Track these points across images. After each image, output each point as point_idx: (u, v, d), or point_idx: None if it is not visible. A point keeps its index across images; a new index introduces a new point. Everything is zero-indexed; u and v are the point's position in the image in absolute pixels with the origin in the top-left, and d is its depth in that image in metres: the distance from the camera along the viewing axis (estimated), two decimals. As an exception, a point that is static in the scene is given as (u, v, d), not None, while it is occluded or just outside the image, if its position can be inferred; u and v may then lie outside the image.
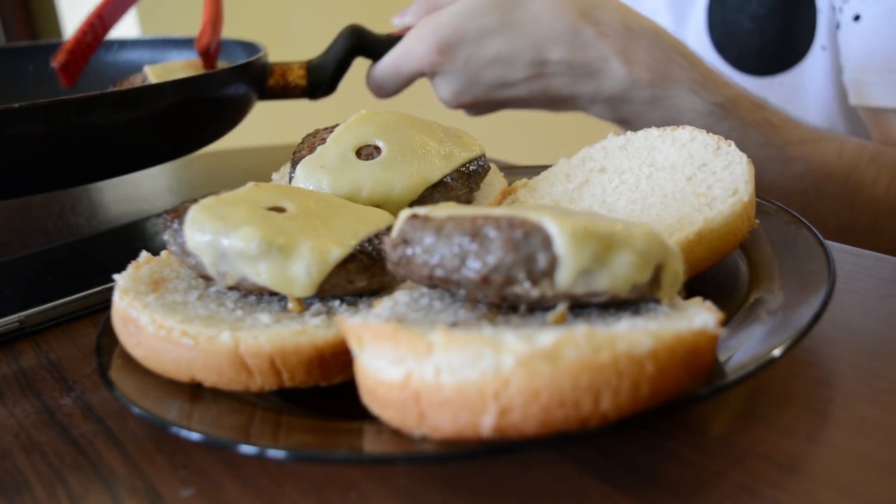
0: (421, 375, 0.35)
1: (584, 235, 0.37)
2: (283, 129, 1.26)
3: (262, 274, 0.44)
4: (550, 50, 0.77)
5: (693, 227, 0.48)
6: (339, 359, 0.42)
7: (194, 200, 0.48)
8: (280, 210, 0.47)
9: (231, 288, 0.46)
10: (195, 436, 0.38)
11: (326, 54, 0.86)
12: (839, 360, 0.46)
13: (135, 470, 0.41)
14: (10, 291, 0.61)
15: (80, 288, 0.60)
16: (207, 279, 0.47)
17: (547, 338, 0.34)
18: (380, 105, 0.85)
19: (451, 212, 0.40)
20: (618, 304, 0.40)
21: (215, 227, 0.45)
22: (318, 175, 0.54)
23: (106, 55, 0.97)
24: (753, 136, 0.78)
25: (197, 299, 0.47)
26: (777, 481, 0.36)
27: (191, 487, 0.39)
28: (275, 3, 2.28)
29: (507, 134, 1.87)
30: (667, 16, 1.07)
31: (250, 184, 0.50)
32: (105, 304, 0.58)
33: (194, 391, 0.43)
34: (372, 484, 0.39)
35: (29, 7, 2.40)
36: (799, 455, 0.38)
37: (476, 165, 0.58)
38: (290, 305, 0.45)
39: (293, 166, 0.57)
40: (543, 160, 0.71)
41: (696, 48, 1.01)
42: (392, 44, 0.84)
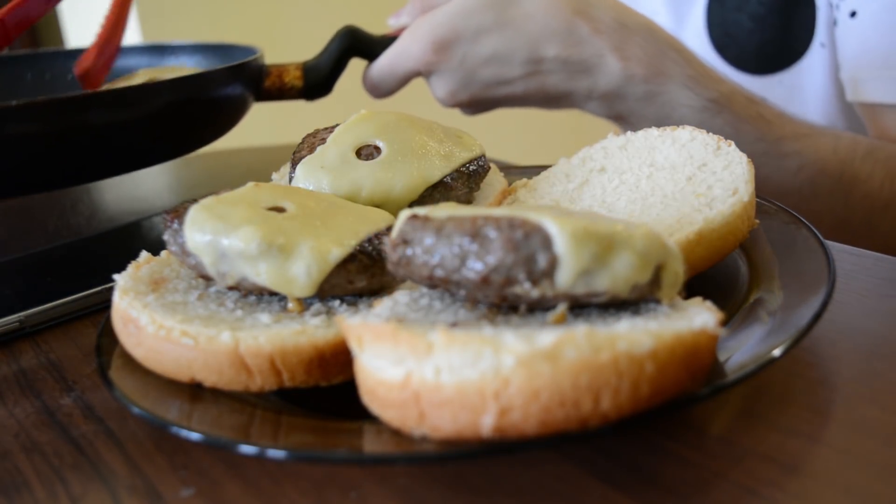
0: (421, 375, 0.35)
1: (585, 236, 0.37)
2: (283, 129, 1.26)
3: (262, 274, 0.44)
4: (546, 47, 0.77)
5: (693, 227, 0.48)
6: (339, 359, 0.42)
7: (194, 200, 0.48)
8: (280, 210, 0.47)
9: (231, 288, 0.46)
10: (195, 436, 0.38)
11: (322, 55, 0.87)
12: (839, 360, 0.46)
13: (135, 470, 0.41)
14: (10, 291, 0.61)
15: (80, 288, 0.60)
16: (207, 279, 0.47)
17: (547, 338, 0.34)
18: (380, 105, 0.85)
19: (451, 212, 0.40)
20: (618, 304, 0.40)
21: (215, 227, 0.45)
22: (318, 175, 0.54)
23: None
24: (748, 131, 0.78)
25: (197, 299, 0.47)
26: (777, 481, 0.36)
27: (191, 487, 0.39)
28: (271, 5, 2.28)
29: (507, 134, 1.87)
30: (666, 16, 1.07)
31: (250, 184, 0.50)
32: (105, 304, 0.58)
33: (194, 391, 0.43)
34: (372, 484, 0.39)
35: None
36: (799, 455, 0.38)
37: (476, 165, 0.58)
38: (290, 305, 0.45)
39: (293, 166, 0.57)
40: (543, 160, 0.71)
41: (695, 48, 1.01)
42: (387, 44, 0.84)
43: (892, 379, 0.43)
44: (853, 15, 0.85)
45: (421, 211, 0.41)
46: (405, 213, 0.41)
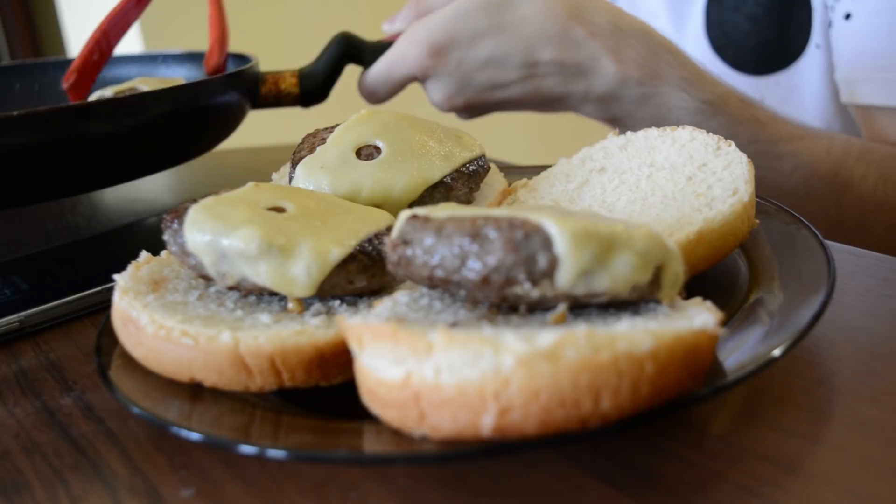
0: (421, 375, 0.35)
1: (585, 236, 0.37)
2: (283, 129, 1.26)
3: (262, 274, 0.44)
4: (541, 50, 0.77)
5: (693, 227, 0.48)
6: (339, 359, 0.42)
7: (194, 200, 0.48)
8: (280, 210, 0.47)
9: (231, 288, 0.46)
10: (195, 436, 0.38)
11: (317, 62, 0.87)
12: (839, 360, 0.46)
13: (135, 470, 0.41)
14: (10, 291, 0.61)
15: (80, 288, 0.60)
16: (207, 279, 0.47)
17: (547, 338, 0.34)
18: (382, 105, 0.86)
19: (451, 212, 0.40)
20: (618, 304, 0.40)
21: (215, 227, 0.45)
22: (318, 175, 0.54)
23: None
24: (742, 133, 0.78)
25: (197, 299, 0.47)
26: (777, 481, 0.36)
27: (191, 487, 0.39)
28: (271, 11, 2.28)
29: (507, 134, 1.87)
30: (666, 17, 1.07)
31: (250, 184, 0.50)
32: (105, 304, 0.58)
33: (194, 391, 0.43)
34: (372, 484, 0.39)
35: (33, 23, 2.40)
36: (799, 455, 0.38)
37: (476, 165, 0.58)
38: (290, 305, 0.45)
39: (293, 166, 0.57)
40: (543, 160, 0.71)
41: (694, 49, 1.01)
42: (383, 50, 0.84)
43: (892, 379, 0.43)
44: (848, 17, 0.85)
45: (421, 211, 0.41)
46: (405, 214, 0.41)
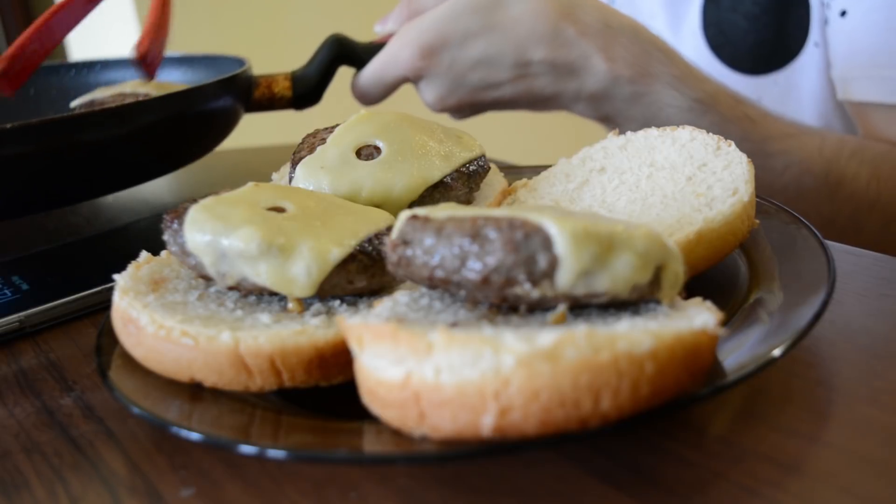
0: (421, 375, 0.35)
1: (585, 236, 0.37)
2: (283, 129, 1.26)
3: (262, 274, 0.44)
4: (533, 50, 0.77)
5: (693, 227, 0.48)
6: (339, 359, 0.42)
7: (194, 200, 0.48)
8: (280, 210, 0.47)
9: (231, 288, 0.46)
10: (195, 436, 0.38)
11: (310, 65, 0.87)
12: (839, 360, 0.46)
13: (135, 470, 0.41)
14: (11, 291, 0.61)
15: (80, 288, 0.60)
16: (207, 279, 0.47)
17: (547, 338, 0.34)
18: (379, 106, 0.85)
19: (451, 212, 0.40)
20: (618, 304, 0.40)
21: (215, 227, 0.45)
22: (318, 175, 0.54)
23: (88, 76, 1.00)
24: (733, 131, 0.78)
25: (197, 299, 0.47)
26: (777, 481, 0.36)
27: (191, 487, 0.39)
28: (259, 14, 2.28)
29: (507, 134, 1.87)
30: (663, 17, 1.07)
31: (250, 184, 0.50)
32: (105, 304, 0.58)
33: (194, 391, 0.43)
34: (372, 484, 0.39)
35: (29, 12, 2.40)
36: (799, 455, 0.38)
37: (476, 165, 0.58)
38: (290, 305, 0.45)
39: (293, 166, 0.57)
40: (543, 160, 0.71)
41: (691, 48, 1.01)
42: (375, 51, 0.84)
43: (892, 379, 0.43)
44: (843, 14, 0.85)
45: (421, 211, 0.41)
46: (405, 214, 0.41)
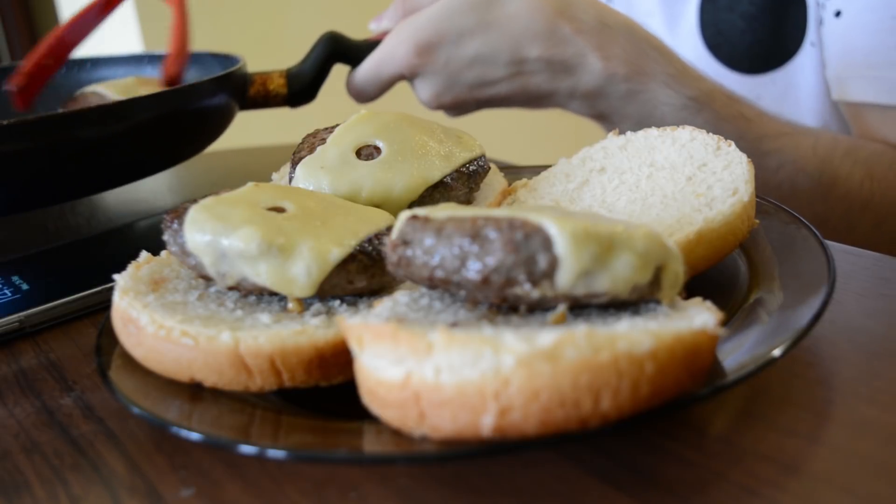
0: (421, 375, 0.35)
1: (585, 237, 0.37)
2: (283, 129, 1.26)
3: (262, 274, 0.44)
4: (528, 48, 0.77)
5: (693, 227, 0.48)
6: (339, 359, 0.42)
7: (194, 200, 0.48)
8: (280, 210, 0.47)
9: (231, 288, 0.46)
10: (195, 436, 0.38)
11: (305, 62, 0.87)
12: (839, 360, 0.46)
13: (135, 470, 0.41)
14: (11, 291, 0.61)
15: (80, 288, 0.60)
16: (207, 279, 0.47)
17: (547, 338, 0.34)
18: (379, 105, 0.85)
19: (451, 213, 0.40)
20: (618, 304, 0.40)
21: (215, 227, 0.45)
22: (318, 175, 0.54)
23: (79, 73, 0.99)
24: (728, 129, 0.78)
25: (197, 299, 0.47)
26: (777, 481, 0.36)
27: (191, 487, 0.39)
28: (255, 12, 2.28)
29: (507, 134, 1.87)
30: (660, 16, 1.07)
31: (250, 184, 0.50)
32: (105, 304, 0.58)
33: (194, 391, 0.43)
34: (372, 484, 0.39)
35: (33, 23, 2.40)
36: (799, 455, 0.38)
37: (476, 165, 0.58)
38: (290, 305, 0.45)
39: (293, 166, 0.57)
40: (543, 160, 0.71)
41: (688, 48, 1.01)
42: (370, 49, 0.84)
43: (892, 379, 0.43)
44: (838, 14, 0.85)
45: (421, 211, 0.41)
46: (405, 214, 0.41)
